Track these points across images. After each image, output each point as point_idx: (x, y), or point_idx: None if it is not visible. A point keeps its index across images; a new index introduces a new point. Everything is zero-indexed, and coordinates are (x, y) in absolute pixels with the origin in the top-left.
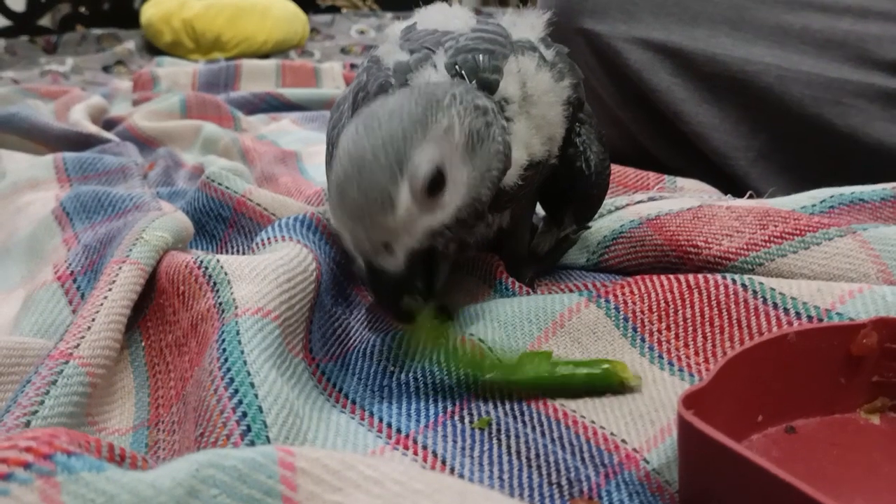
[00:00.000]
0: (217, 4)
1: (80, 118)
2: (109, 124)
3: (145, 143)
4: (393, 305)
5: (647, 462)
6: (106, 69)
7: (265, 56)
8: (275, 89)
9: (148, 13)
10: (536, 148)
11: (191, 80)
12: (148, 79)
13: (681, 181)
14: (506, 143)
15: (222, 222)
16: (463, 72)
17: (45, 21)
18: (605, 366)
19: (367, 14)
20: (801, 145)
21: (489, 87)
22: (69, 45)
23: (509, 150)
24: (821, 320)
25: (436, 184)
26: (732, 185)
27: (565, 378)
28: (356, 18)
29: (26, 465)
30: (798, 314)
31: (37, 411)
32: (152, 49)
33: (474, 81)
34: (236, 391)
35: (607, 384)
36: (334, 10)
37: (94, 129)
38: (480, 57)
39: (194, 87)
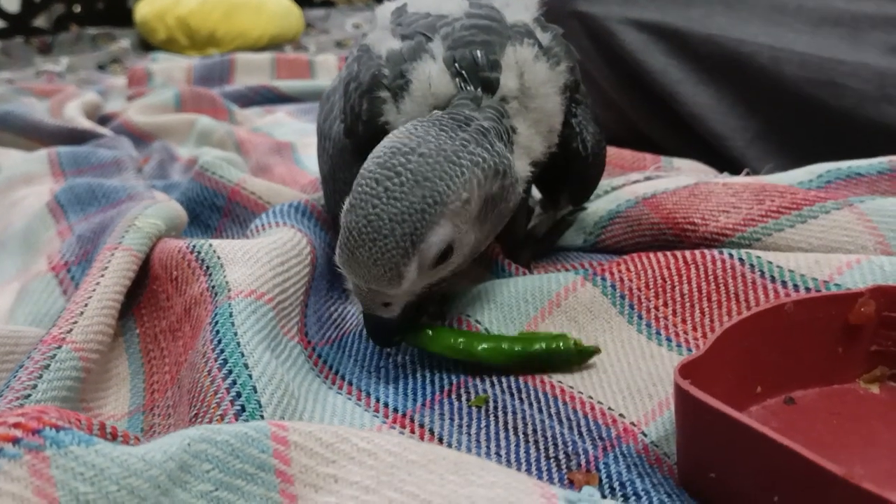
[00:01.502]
0: (211, 1)
1: (74, 114)
2: (104, 120)
3: (140, 137)
4: (385, 342)
5: (646, 435)
6: (101, 68)
7: (260, 51)
8: (269, 82)
9: (142, 11)
10: (537, 149)
11: (185, 75)
12: (143, 74)
13: (677, 162)
14: (517, 192)
15: (217, 211)
16: (463, 71)
17: (40, 21)
18: (560, 339)
19: (362, 8)
20: (796, 126)
21: (490, 87)
22: (64, 45)
23: (519, 196)
24: (819, 292)
25: (445, 256)
26: (729, 166)
27: (523, 351)
28: (351, 13)
29: (15, 441)
30: (796, 286)
31: (29, 395)
32: (147, 47)
33: (478, 87)
34: (230, 372)
35: (566, 352)
36: (329, 4)
37: (88, 124)
38: (479, 53)
39: (189, 81)
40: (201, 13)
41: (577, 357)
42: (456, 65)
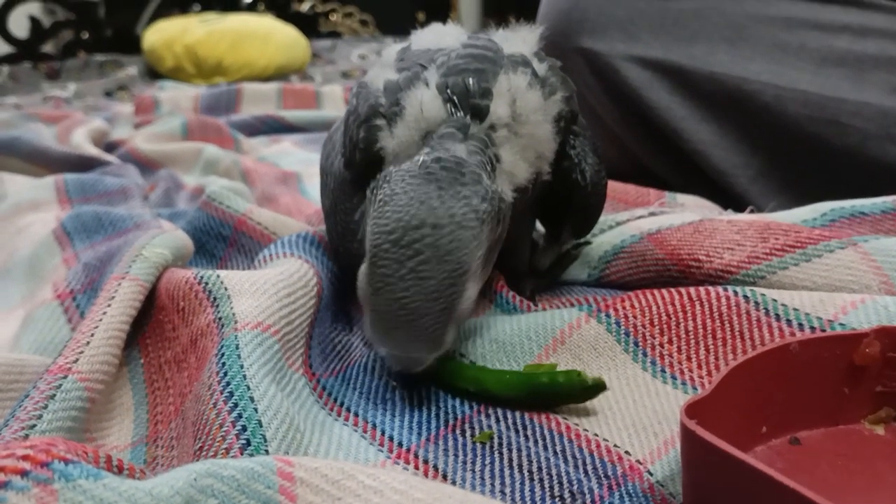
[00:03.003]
0: (219, 30)
1: (81, 141)
2: (111, 147)
3: (146, 165)
4: (409, 387)
5: (651, 474)
6: (108, 94)
7: (267, 80)
8: (275, 112)
9: (150, 39)
10: (521, 174)
11: (192, 104)
12: (150, 102)
13: (681, 197)
14: (504, 220)
15: (223, 241)
16: (455, 97)
17: (49, 48)
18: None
19: (368, 39)
20: (799, 163)
21: (479, 114)
22: (72, 71)
23: (506, 224)
24: (823, 331)
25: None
26: (733, 202)
27: (531, 385)
28: (357, 43)
29: (23, 473)
30: (801, 325)
31: (35, 425)
32: (155, 75)
33: (467, 114)
34: (236, 405)
35: (570, 387)
36: (335, 35)
37: (95, 151)
38: (470, 80)
39: (196, 110)
40: (209, 42)
41: (584, 393)
42: (448, 91)
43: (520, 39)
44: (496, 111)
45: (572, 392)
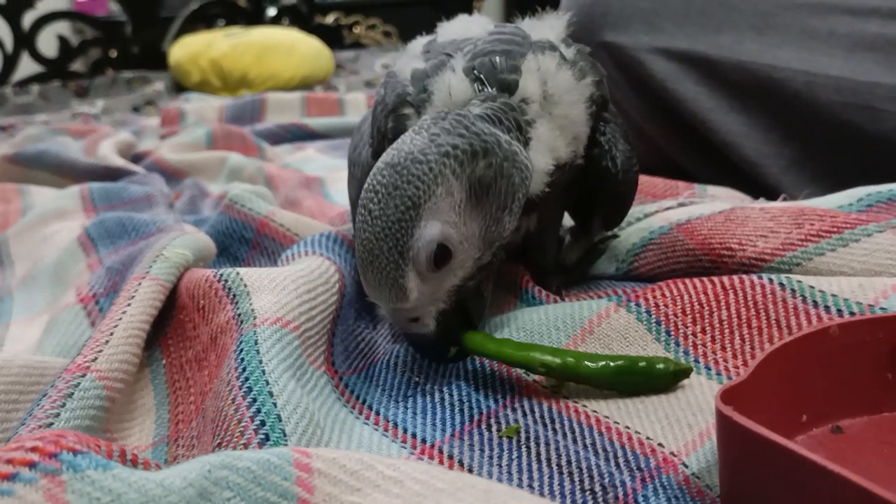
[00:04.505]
0: (243, 43)
1: (108, 153)
2: (137, 159)
3: (172, 174)
4: (436, 356)
5: (686, 466)
6: (136, 110)
7: (291, 91)
8: (299, 119)
9: (176, 55)
10: (562, 150)
11: (217, 115)
12: (175, 114)
13: (711, 189)
14: (523, 165)
15: (245, 244)
16: (481, 76)
17: (77, 66)
18: (660, 365)
19: (392, 49)
20: (833, 152)
21: (508, 88)
22: (100, 89)
23: (529, 171)
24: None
25: (442, 256)
26: (765, 194)
27: (624, 367)
28: (380, 53)
29: (31, 465)
30: (840, 311)
31: (52, 423)
32: (181, 89)
33: (495, 88)
34: (254, 400)
35: (664, 373)
36: (359, 45)
37: (121, 162)
38: (497, 58)
39: (221, 120)
40: (234, 56)
41: (674, 378)
42: (475, 72)
43: (547, 27)
44: (526, 86)
45: (664, 377)
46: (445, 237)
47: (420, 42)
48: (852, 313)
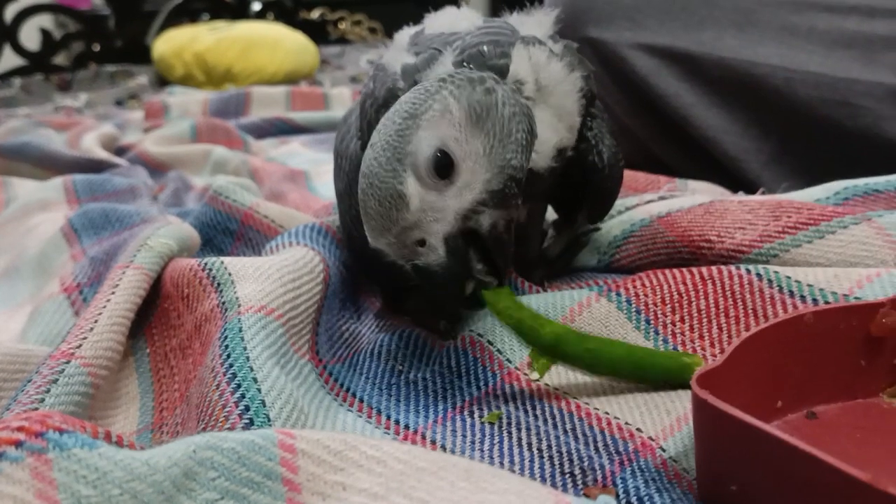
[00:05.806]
0: (228, 38)
1: (91, 146)
2: (121, 151)
3: (156, 167)
4: (456, 299)
5: (664, 450)
6: (119, 103)
7: (276, 86)
8: (284, 114)
9: (160, 49)
10: (564, 133)
11: (201, 108)
12: (159, 107)
13: (692, 183)
14: (522, 104)
15: (230, 235)
16: (471, 66)
17: (60, 59)
18: (686, 360)
19: (377, 45)
20: (812, 147)
21: (500, 72)
22: (83, 82)
23: (529, 111)
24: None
25: (443, 164)
26: (744, 188)
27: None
28: (366, 49)
29: (17, 444)
30: (815, 301)
31: (37, 409)
32: (165, 83)
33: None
34: (238, 385)
35: (681, 365)
36: (344, 41)
37: (104, 154)
38: (485, 48)
39: (205, 114)
40: (218, 50)
41: (688, 371)
42: (465, 64)
43: (535, 23)
44: (517, 70)
45: (682, 371)
46: (444, 143)
47: (407, 33)
48: (827, 303)
